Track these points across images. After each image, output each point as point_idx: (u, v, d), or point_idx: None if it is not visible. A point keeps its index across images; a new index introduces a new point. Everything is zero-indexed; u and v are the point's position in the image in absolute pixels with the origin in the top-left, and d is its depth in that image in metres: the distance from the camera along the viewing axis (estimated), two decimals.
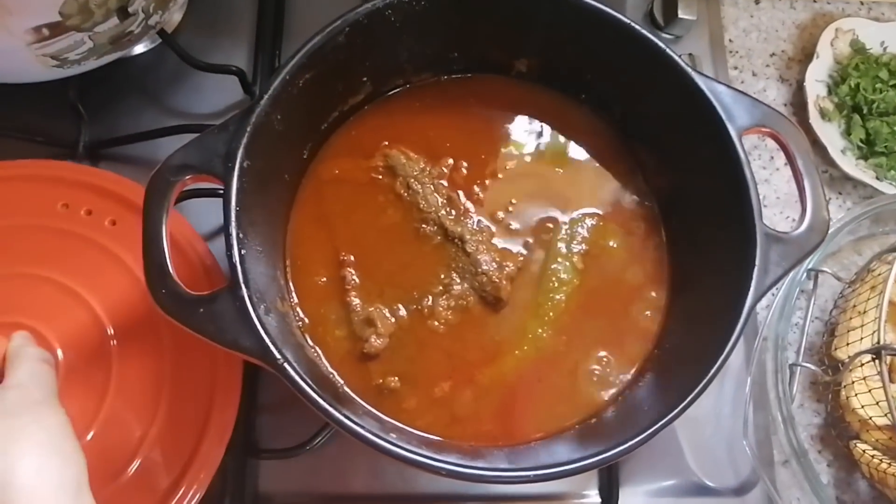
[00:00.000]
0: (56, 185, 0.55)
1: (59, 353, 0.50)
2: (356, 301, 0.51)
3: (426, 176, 0.54)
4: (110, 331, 0.52)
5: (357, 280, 0.51)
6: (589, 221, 0.55)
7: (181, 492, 0.49)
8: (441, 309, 0.51)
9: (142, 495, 0.49)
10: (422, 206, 0.53)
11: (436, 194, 0.53)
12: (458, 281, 0.52)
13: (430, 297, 0.51)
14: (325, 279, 0.52)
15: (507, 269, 0.52)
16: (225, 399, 0.51)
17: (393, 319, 0.51)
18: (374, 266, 0.52)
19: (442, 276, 0.52)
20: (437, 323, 0.51)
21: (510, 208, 0.55)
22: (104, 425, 0.49)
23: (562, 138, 0.57)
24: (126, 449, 0.49)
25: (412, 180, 0.53)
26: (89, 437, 0.49)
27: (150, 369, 0.51)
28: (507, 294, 0.52)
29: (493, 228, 0.54)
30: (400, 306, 0.51)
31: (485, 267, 0.52)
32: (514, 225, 0.54)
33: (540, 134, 0.57)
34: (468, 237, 0.52)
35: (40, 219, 0.54)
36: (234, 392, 0.51)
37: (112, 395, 0.50)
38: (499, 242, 0.54)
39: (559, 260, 0.53)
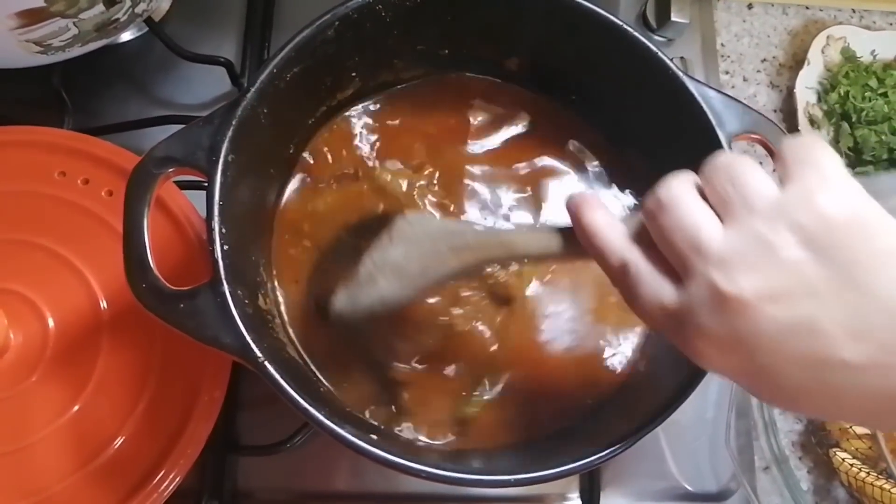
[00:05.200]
0: (53, 153, 0.54)
1: (51, 321, 0.50)
2: None
3: (415, 189, 0.53)
4: (103, 304, 0.51)
5: None
6: None
7: (161, 474, 0.48)
8: (461, 318, 0.50)
9: (121, 475, 0.49)
10: None
11: (429, 209, 0.53)
12: (469, 291, 0.51)
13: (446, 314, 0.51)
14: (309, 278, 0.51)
15: (511, 266, 0.51)
16: (213, 382, 0.51)
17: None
18: None
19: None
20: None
21: (500, 210, 0.54)
22: (91, 399, 0.49)
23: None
24: (111, 425, 0.49)
25: (402, 197, 0.53)
26: (75, 409, 0.49)
27: (142, 345, 0.51)
28: (517, 291, 0.51)
29: None
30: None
31: (489, 269, 0.51)
32: (506, 225, 0.54)
33: (527, 135, 0.57)
34: None
35: (36, 186, 0.53)
36: (223, 377, 0.51)
37: (101, 369, 0.50)
38: None
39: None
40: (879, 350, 0.28)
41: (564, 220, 0.38)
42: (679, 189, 0.33)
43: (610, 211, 0.36)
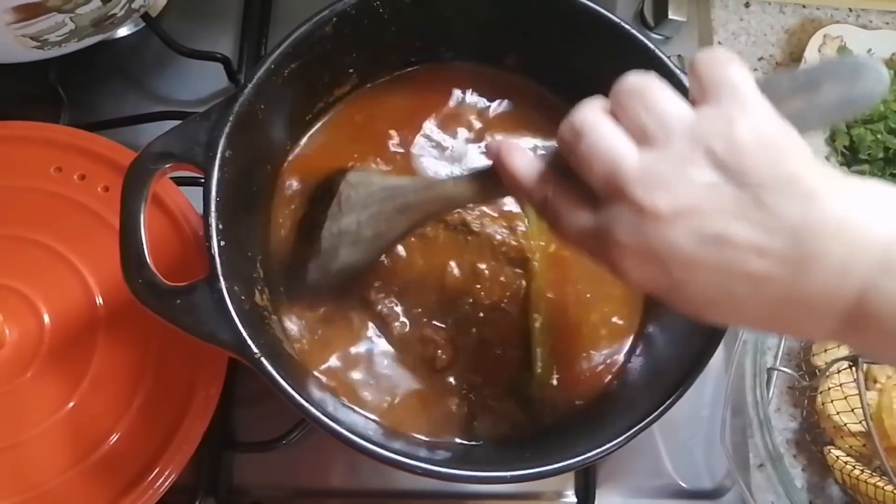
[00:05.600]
0: (49, 148, 0.54)
1: (46, 318, 0.50)
2: (403, 320, 0.50)
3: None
4: (99, 300, 0.51)
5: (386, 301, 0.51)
6: None
7: (157, 470, 0.48)
8: (484, 296, 0.51)
9: (117, 471, 0.49)
10: None
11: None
12: (484, 265, 0.52)
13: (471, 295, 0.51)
14: None
15: (519, 228, 0.52)
16: (209, 379, 0.51)
17: (444, 325, 0.51)
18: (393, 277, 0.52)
19: (465, 266, 0.52)
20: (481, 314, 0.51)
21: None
22: (86, 395, 0.49)
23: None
24: (106, 421, 0.49)
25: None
26: (70, 405, 0.49)
27: (137, 341, 0.51)
28: (530, 251, 0.52)
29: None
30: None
31: (499, 237, 0.51)
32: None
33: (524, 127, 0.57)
34: (469, 218, 0.52)
35: (32, 181, 0.53)
36: (219, 373, 0.51)
37: (97, 365, 0.50)
38: (494, 211, 0.53)
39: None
40: (778, 263, 0.30)
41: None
42: (592, 116, 0.34)
43: (527, 151, 0.38)
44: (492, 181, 0.40)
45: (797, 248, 0.30)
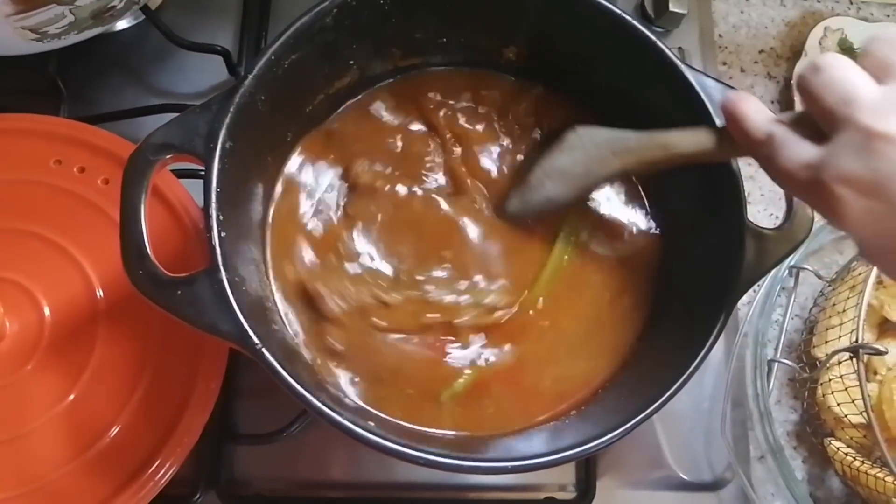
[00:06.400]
0: (49, 141, 0.54)
1: (46, 310, 0.50)
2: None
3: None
4: (100, 293, 0.51)
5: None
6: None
7: (157, 463, 0.49)
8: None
9: (118, 464, 0.49)
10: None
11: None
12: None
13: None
14: None
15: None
16: (209, 371, 0.51)
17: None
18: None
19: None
20: None
21: None
22: (87, 387, 0.49)
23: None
24: (107, 414, 0.49)
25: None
26: (71, 398, 0.49)
27: (138, 334, 0.51)
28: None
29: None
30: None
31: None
32: None
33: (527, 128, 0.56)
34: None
35: (32, 174, 0.53)
36: (220, 366, 0.51)
37: (97, 358, 0.50)
38: None
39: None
40: None
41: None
42: (835, 56, 0.35)
43: (759, 102, 0.39)
44: (717, 135, 0.43)
45: None
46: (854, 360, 0.53)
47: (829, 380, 0.59)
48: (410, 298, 0.50)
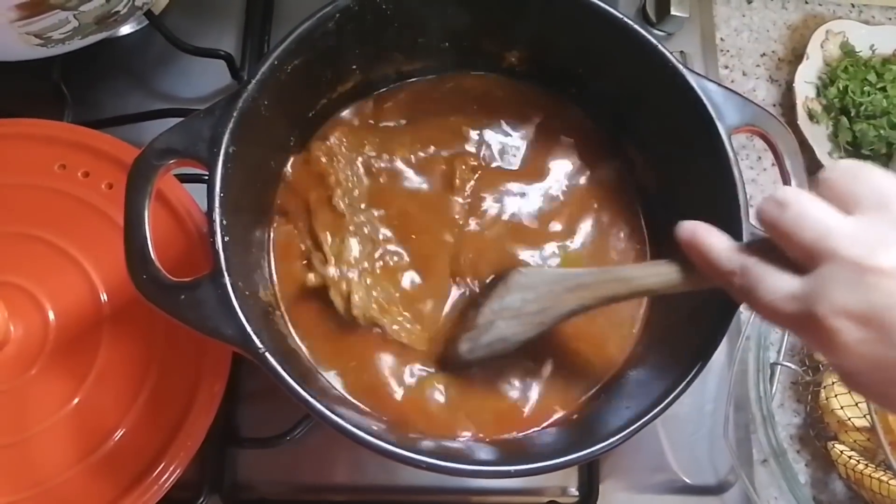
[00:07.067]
0: (53, 146, 0.54)
1: (51, 314, 0.50)
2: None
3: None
4: (104, 297, 0.51)
5: None
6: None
7: (161, 466, 0.49)
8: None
9: (122, 467, 0.49)
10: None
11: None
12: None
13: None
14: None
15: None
16: (213, 375, 0.51)
17: None
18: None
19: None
20: None
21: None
22: (91, 391, 0.49)
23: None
24: (111, 418, 0.49)
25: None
26: (75, 402, 0.49)
27: (142, 338, 0.51)
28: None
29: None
30: None
31: None
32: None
33: (527, 133, 0.57)
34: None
35: (36, 178, 0.53)
36: (223, 369, 0.51)
37: (101, 361, 0.50)
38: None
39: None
40: None
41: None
42: (794, 190, 0.36)
43: (718, 231, 0.39)
44: (680, 267, 0.41)
45: None
46: None
47: (833, 383, 0.59)
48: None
